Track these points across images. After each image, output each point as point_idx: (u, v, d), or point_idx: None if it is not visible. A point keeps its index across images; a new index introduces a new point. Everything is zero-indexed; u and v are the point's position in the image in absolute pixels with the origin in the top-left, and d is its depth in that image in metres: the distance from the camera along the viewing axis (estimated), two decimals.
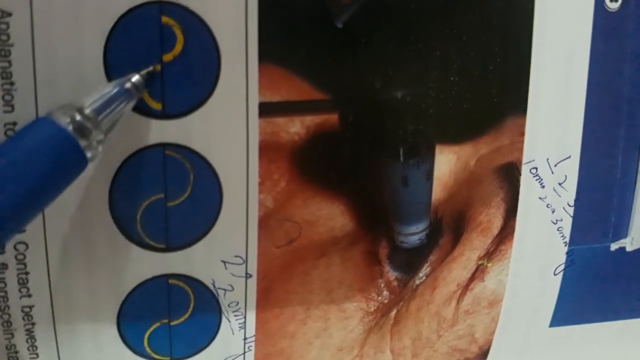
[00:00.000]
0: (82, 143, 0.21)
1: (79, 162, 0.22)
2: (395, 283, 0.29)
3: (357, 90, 0.26)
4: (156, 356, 0.28)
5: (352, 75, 0.26)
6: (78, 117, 0.22)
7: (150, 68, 0.24)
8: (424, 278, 0.29)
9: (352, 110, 0.26)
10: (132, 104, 0.23)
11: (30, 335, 0.26)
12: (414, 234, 0.28)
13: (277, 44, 0.25)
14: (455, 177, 0.28)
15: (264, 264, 0.27)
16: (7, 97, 0.23)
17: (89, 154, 0.22)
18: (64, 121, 0.21)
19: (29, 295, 0.26)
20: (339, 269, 0.28)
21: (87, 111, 0.22)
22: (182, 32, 0.24)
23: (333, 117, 0.26)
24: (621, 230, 0.31)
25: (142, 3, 0.24)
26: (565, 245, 0.30)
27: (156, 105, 0.24)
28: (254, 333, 0.28)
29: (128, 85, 0.23)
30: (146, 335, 0.27)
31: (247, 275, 0.27)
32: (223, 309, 0.28)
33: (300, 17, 0.25)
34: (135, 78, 0.23)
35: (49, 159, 0.21)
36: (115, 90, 0.23)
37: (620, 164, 0.30)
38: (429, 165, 0.28)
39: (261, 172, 0.26)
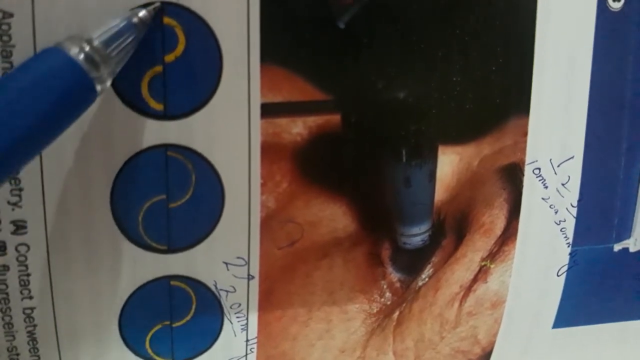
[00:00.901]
0: (92, 75, 0.21)
1: (88, 94, 0.21)
2: (397, 284, 0.29)
3: (360, 90, 0.26)
4: (158, 358, 0.28)
5: (354, 76, 0.26)
6: (87, 48, 0.21)
7: (158, 4, 0.24)
8: (426, 279, 0.29)
9: (355, 111, 0.26)
10: (138, 38, 0.23)
11: (31, 337, 0.26)
12: (416, 235, 0.28)
13: (279, 44, 0.25)
14: (458, 178, 0.28)
15: (266, 266, 0.27)
16: None
17: (98, 87, 0.21)
18: (73, 51, 0.21)
19: (31, 297, 0.25)
20: (341, 270, 0.28)
21: (96, 43, 0.21)
22: (184, 33, 0.24)
23: (335, 118, 0.26)
24: (624, 231, 0.31)
25: (144, 4, 0.23)
26: (569, 246, 0.30)
27: (158, 106, 0.24)
28: (256, 335, 0.28)
29: (135, 19, 0.23)
30: (148, 337, 0.27)
31: (249, 277, 0.27)
32: (225, 310, 0.27)
33: (302, 18, 0.25)
34: (142, 13, 0.23)
35: (58, 88, 0.20)
36: (123, 24, 0.22)
37: (623, 164, 0.30)
38: (432, 166, 0.28)
39: (263, 173, 0.26)
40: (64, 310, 0.26)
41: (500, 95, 0.28)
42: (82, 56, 0.21)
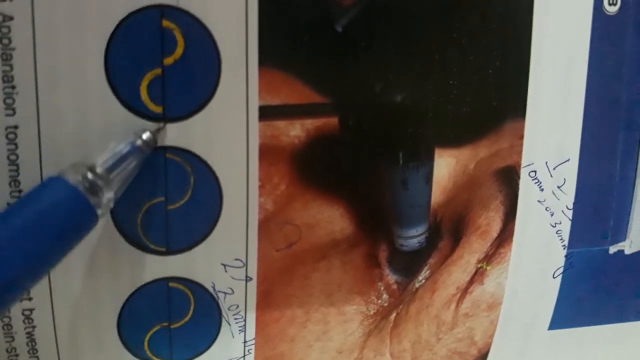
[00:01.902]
0: (93, 201, 0.22)
1: (90, 220, 0.22)
2: (395, 286, 0.29)
3: (357, 93, 0.26)
4: (156, 359, 0.28)
5: (352, 79, 0.26)
6: (90, 176, 0.22)
7: (161, 125, 0.24)
8: (423, 281, 0.29)
9: (352, 114, 0.26)
10: (142, 160, 0.24)
11: (30, 338, 0.26)
12: (413, 237, 0.28)
13: (277, 47, 0.25)
14: (455, 181, 0.28)
15: (264, 267, 0.27)
16: (9, 101, 0.23)
17: (99, 212, 0.22)
18: (75, 180, 0.22)
19: (30, 299, 0.26)
20: (339, 272, 0.28)
21: (99, 170, 0.22)
22: (182, 36, 0.24)
23: (333, 121, 0.26)
24: (620, 234, 0.31)
25: (143, 7, 0.24)
26: (564, 249, 0.30)
27: (157, 109, 0.25)
28: (254, 336, 0.28)
29: (139, 142, 0.23)
30: (146, 339, 0.27)
31: (247, 279, 0.27)
32: (223, 312, 0.28)
33: (300, 21, 0.25)
34: (146, 135, 0.24)
35: (61, 218, 0.21)
36: (126, 149, 0.23)
37: (618, 167, 0.30)
38: (429, 169, 0.28)
39: (261, 175, 0.26)
40: (63, 312, 0.26)
41: (496, 98, 0.28)
42: (82, 185, 0.22)
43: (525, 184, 0.29)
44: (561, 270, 0.30)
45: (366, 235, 0.28)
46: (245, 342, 0.28)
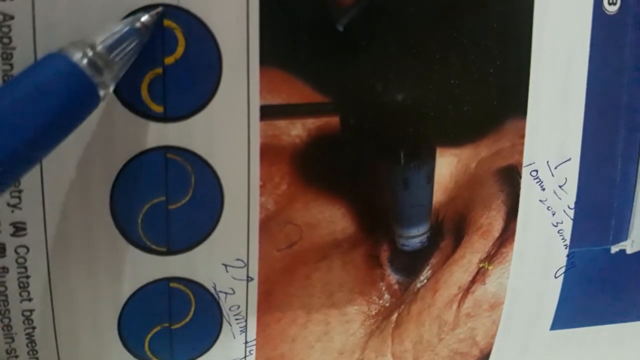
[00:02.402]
0: (95, 80, 0.21)
1: (91, 99, 0.21)
2: (396, 286, 0.29)
3: (358, 93, 0.26)
4: None
5: (353, 78, 0.26)
6: (90, 54, 0.21)
7: (160, 9, 0.24)
8: (425, 281, 0.29)
9: (353, 113, 0.26)
10: (141, 43, 0.23)
11: (30, 339, 0.26)
12: (415, 236, 0.28)
13: (278, 47, 0.25)
14: (456, 180, 0.28)
15: (265, 267, 0.27)
16: None
17: (101, 92, 0.21)
18: (76, 57, 0.21)
19: (30, 299, 0.25)
20: (340, 272, 0.28)
21: (99, 48, 0.21)
22: (183, 35, 0.24)
23: (334, 120, 0.26)
24: (621, 233, 0.31)
25: (144, 6, 0.24)
26: (566, 248, 0.30)
27: (158, 108, 0.24)
28: (255, 337, 0.28)
29: (138, 24, 0.23)
30: (147, 339, 0.27)
31: (249, 279, 0.27)
32: (224, 312, 0.27)
33: (301, 21, 0.25)
34: (145, 17, 0.23)
35: (62, 94, 0.20)
36: (125, 29, 0.22)
37: (620, 166, 0.30)
38: (430, 168, 0.28)
39: (262, 175, 0.26)
40: (63, 313, 0.26)
41: (497, 97, 0.28)
42: (85, 61, 0.21)
43: (526, 183, 0.29)
44: (563, 270, 0.30)
45: (367, 235, 0.28)
46: (246, 342, 0.28)
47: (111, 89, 0.22)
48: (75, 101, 0.21)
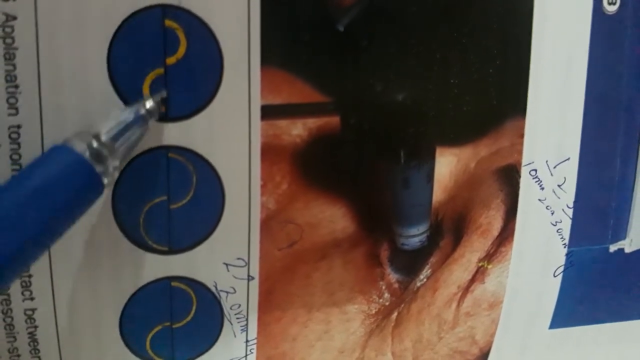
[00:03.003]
0: (99, 169, 0.21)
1: (95, 188, 0.22)
2: (396, 285, 0.29)
3: (359, 93, 0.26)
4: (158, 359, 0.28)
5: (353, 78, 0.26)
6: (95, 144, 0.21)
7: (164, 94, 0.24)
8: (424, 280, 0.29)
9: (354, 113, 0.27)
10: (146, 129, 0.24)
11: (32, 338, 0.26)
12: (414, 236, 0.29)
13: (279, 47, 0.25)
14: (456, 179, 0.28)
15: (266, 267, 0.27)
16: (12, 100, 0.23)
17: (105, 181, 0.22)
18: (80, 148, 0.21)
19: (32, 299, 0.25)
20: (341, 271, 0.28)
21: (104, 138, 0.22)
22: (185, 36, 0.24)
23: (335, 120, 0.26)
24: (620, 232, 0.31)
25: (145, 7, 0.24)
26: (565, 247, 0.30)
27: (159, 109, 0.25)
28: (255, 336, 0.28)
29: (142, 111, 0.23)
30: (148, 338, 0.27)
31: (249, 278, 0.27)
32: (225, 311, 0.28)
33: (302, 21, 0.25)
34: (150, 104, 0.24)
35: (68, 187, 0.21)
36: (131, 118, 0.23)
37: (618, 165, 0.30)
38: (430, 168, 0.28)
39: (263, 174, 0.26)
40: (65, 312, 0.26)
41: (497, 97, 0.28)
42: (88, 153, 0.21)
43: (525, 182, 0.29)
44: (562, 268, 0.31)
45: (367, 234, 0.28)
46: (247, 341, 0.28)
47: (116, 175, 0.23)
48: (81, 192, 0.21)
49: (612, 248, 0.31)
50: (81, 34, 0.23)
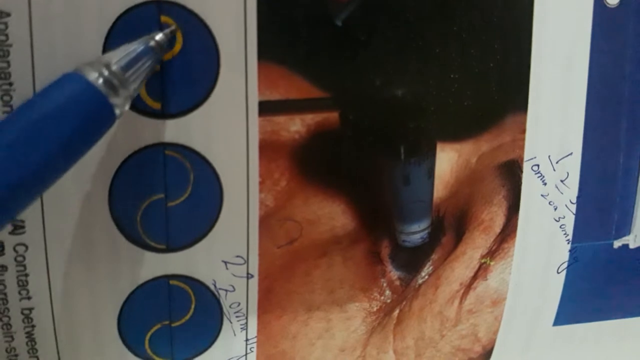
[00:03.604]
0: (111, 99, 0.21)
1: (108, 118, 0.21)
2: (397, 282, 0.29)
3: (358, 88, 0.26)
4: (157, 358, 0.27)
5: (352, 73, 0.26)
6: (106, 73, 0.21)
7: (173, 27, 0.24)
8: (426, 277, 0.29)
9: (353, 109, 0.26)
10: (156, 61, 0.23)
11: (30, 338, 0.26)
12: (415, 232, 0.28)
13: (276, 42, 0.25)
14: (457, 175, 0.28)
15: (265, 264, 0.27)
16: (6, 98, 0.23)
17: (117, 111, 0.22)
18: (92, 76, 0.21)
19: (29, 298, 0.25)
20: (341, 268, 0.28)
21: (114, 67, 0.22)
22: (181, 31, 0.24)
23: (333, 116, 0.26)
24: (624, 228, 0.31)
25: (141, 2, 0.23)
26: (568, 243, 0.30)
27: (155, 105, 0.24)
28: (255, 334, 0.28)
29: (152, 43, 0.23)
30: (147, 337, 0.27)
31: (249, 276, 0.27)
32: (224, 309, 0.27)
33: (299, 15, 0.25)
34: (159, 36, 0.23)
35: (79, 114, 0.20)
36: (140, 48, 0.22)
37: (622, 160, 0.30)
38: (430, 163, 0.28)
39: (262, 171, 0.26)
40: (63, 311, 0.26)
41: (498, 91, 0.28)
42: (101, 81, 0.21)
43: (528, 178, 0.29)
44: (565, 265, 0.30)
45: (368, 231, 0.28)
46: (247, 340, 0.28)
47: (127, 107, 0.22)
48: (93, 121, 0.21)
49: (617, 244, 0.31)
50: (76, 30, 0.23)
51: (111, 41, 0.23)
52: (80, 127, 0.21)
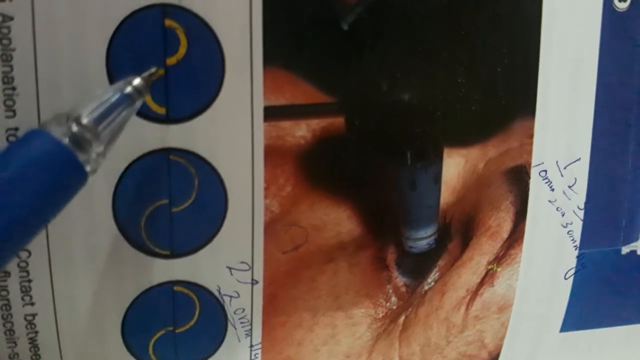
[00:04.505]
0: (81, 156, 0.20)
1: (77, 176, 0.20)
2: (403, 289, 0.29)
3: (364, 93, 0.26)
4: None
5: (358, 78, 0.26)
6: (75, 128, 0.20)
7: (153, 70, 0.23)
8: (432, 283, 0.29)
9: (359, 114, 0.26)
10: (134, 110, 0.22)
11: (33, 344, 0.26)
12: (422, 238, 0.28)
13: (281, 46, 0.25)
14: (464, 181, 0.28)
15: (270, 270, 0.27)
16: (9, 102, 0.23)
17: (88, 168, 0.20)
18: (59, 133, 0.19)
19: (32, 304, 0.25)
20: (346, 274, 0.28)
21: (85, 121, 0.20)
22: (185, 36, 0.24)
23: (339, 121, 0.26)
24: (632, 234, 0.31)
25: (145, 6, 0.23)
26: (576, 249, 0.30)
27: (160, 110, 0.24)
28: (260, 340, 0.28)
29: (129, 89, 0.21)
30: (151, 343, 0.27)
31: (253, 282, 0.27)
32: (229, 315, 0.27)
33: (305, 20, 0.25)
34: (137, 81, 0.22)
35: (44, 174, 0.19)
36: (115, 97, 0.21)
37: (630, 166, 0.30)
38: (437, 169, 0.28)
39: (266, 176, 0.26)
40: (66, 317, 0.26)
41: (505, 96, 0.28)
42: (67, 139, 0.20)
43: (535, 183, 0.29)
44: (573, 271, 0.30)
45: (374, 237, 0.28)
46: (251, 346, 0.28)
47: (101, 161, 0.21)
48: (60, 180, 0.20)
49: (624, 250, 0.31)
50: (79, 34, 0.23)
51: (115, 45, 0.23)
52: (48, 188, 0.19)
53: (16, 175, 0.19)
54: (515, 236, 0.29)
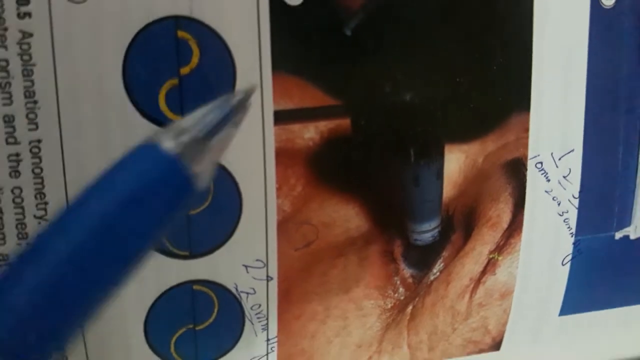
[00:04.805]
0: (193, 170, 0.18)
1: (187, 195, 0.18)
2: (410, 280, 0.30)
3: (368, 95, 0.27)
4: None
5: (362, 81, 0.27)
6: (186, 139, 0.18)
7: (252, 86, 0.22)
8: (438, 274, 0.30)
9: (364, 115, 0.27)
10: (237, 127, 0.21)
11: None
12: (427, 231, 0.29)
13: (289, 53, 0.26)
14: (465, 175, 0.29)
15: (284, 267, 0.28)
16: (31, 116, 0.24)
17: (198, 185, 0.18)
18: (171, 146, 0.17)
19: None
20: (356, 268, 0.29)
21: (194, 133, 0.18)
22: (197, 46, 0.25)
23: (345, 122, 0.27)
24: (625, 219, 0.31)
25: (159, 18, 0.24)
26: (572, 236, 0.31)
27: (176, 118, 0.25)
28: (276, 334, 0.29)
29: (234, 102, 0.20)
30: (172, 341, 0.28)
31: (268, 278, 0.28)
32: (246, 311, 0.28)
33: (310, 27, 0.26)
34: (239, 97, 0.21)
35: (158, 196, 0.17)
36: (222, 114, 0.20)
37: (621, 155, 0.30)
38: (439, 165, 0.28)
39: (278, 177, 0.27)
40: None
41: (501, 93, 0.28)
42: (181, 152, 0.18)
43: (532, 175, 0.30)
44: (570, 257, 0.31)
45: (381, 232, 0.29)
46: (268, 340, 0.29)
47: (209, 178, 0.19)
48: (172, 201, 0.17)
49: (618, 235, 0.31)
50: (96, 47, 0.24)
51: (131, 57, 0.24)
52: (160, 211, 0.17)
53: (130, 197, 0.17)
54: (515, 226, 0.30)
